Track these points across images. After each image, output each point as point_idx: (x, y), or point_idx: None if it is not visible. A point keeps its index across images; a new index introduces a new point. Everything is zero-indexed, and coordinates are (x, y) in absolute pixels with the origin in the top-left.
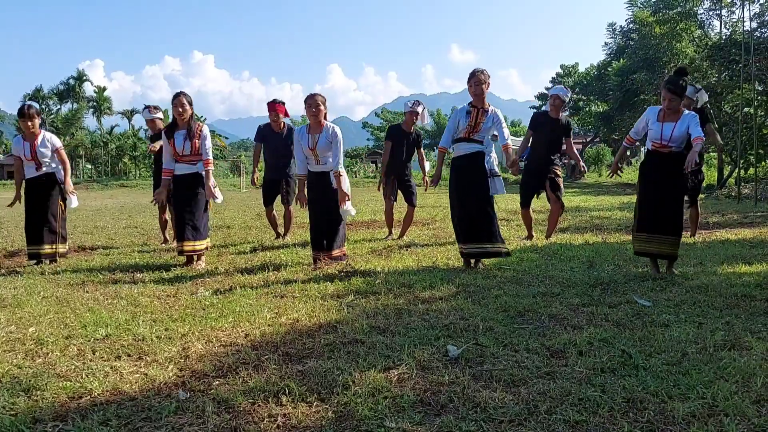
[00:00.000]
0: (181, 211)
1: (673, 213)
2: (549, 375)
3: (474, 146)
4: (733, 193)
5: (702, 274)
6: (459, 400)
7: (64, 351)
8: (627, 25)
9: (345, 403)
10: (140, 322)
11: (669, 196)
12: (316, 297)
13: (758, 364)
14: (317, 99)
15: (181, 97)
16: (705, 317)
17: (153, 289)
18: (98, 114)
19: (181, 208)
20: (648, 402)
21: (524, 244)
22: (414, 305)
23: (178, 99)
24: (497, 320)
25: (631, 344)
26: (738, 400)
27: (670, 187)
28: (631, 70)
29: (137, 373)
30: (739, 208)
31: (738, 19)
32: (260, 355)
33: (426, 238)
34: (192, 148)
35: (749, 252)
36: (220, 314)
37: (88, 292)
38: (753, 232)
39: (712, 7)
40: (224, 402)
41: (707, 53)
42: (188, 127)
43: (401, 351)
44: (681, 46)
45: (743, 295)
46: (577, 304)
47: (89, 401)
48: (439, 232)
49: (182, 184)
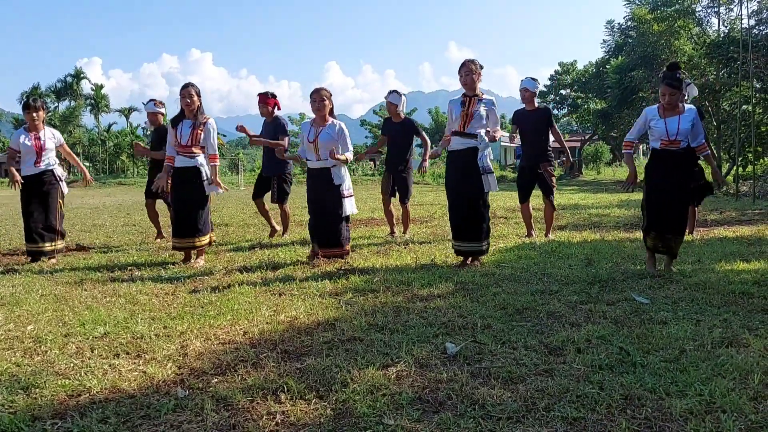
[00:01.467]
0: (179, 208)
1: (678, 214)
2: (547, 372)
3: (468, 142)
4: (732, 191)
5: (700, 272)
6: (457, 397)
7: (62, 349)
8: (625, 23)
9: (343, 400)
10: (139, 320)
11: (675, 199)
12: (314, 295)
13: (756, 361)
14: (322, 93)
15: (189, 88)
16: (703, 314)
17: (151, 287)
18: (96, 112)
19: (178, 204)
20: (646, 399)
21: (523, 242)
22: (412, 303)
23: (186, 90)
24: (495, 318)
25: (629, 341)
26: (735, 397)
27: (677, 189)
28: (630, 68)
29: (136, 371)
30: (737, 205)
31: (736, 16)
32: (259, 352)
33: (424, 236)
34: (193, 139)
35: (747, 249)
36: (219, 312)
37: (86, 290)
38: (751, 229)
39: (711, 4)
40: (223, 400)
41: (705, 51)
42: (195, 118)
43: (399, 348)
44: (679, 43)
45: (741, 292)
46: (575, 301)
47: (88, 399)
48: (437, 229)
49: (180, 177)
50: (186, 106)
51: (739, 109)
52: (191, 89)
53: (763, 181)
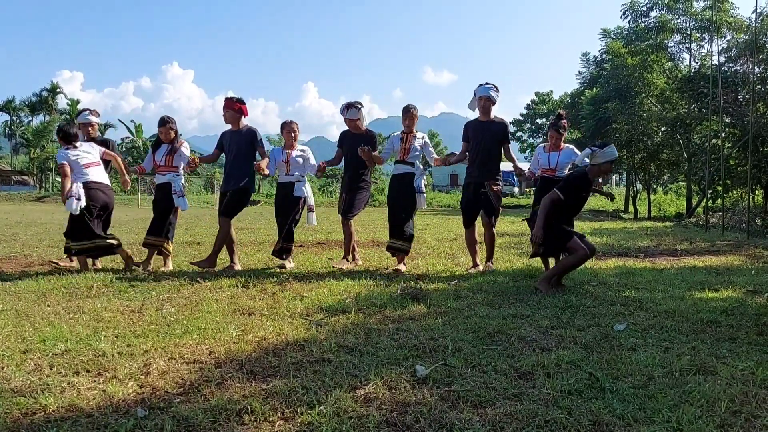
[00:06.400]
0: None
1: None
2: (516, 396)
3: (406, 168)
4: (701, 222)
5: (669, 300)
6: (425, 420)
7: (20, 365)
8: (600, 56)
9: (309, 422)
10: (102, 337)
11: None
12: (284, 315)
13: (723, 389)
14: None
15: (167, 125)
16: (672, 342)
17: (117, 304)
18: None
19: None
20: (614, 425)
21: (474, 271)
22: (384, 325)
23: (165, 127)
24: (467, 341)
25: (599, 367)
26: (702, 425)
27: None
28: (604, 99)
29: (95, 389)
30: (706, 236)
31: (707, 53)
32: (224, 372)
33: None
34: (167, 162)
35: (715, 279)
36: (185, 331)
37: (49, 306)
38: (719, 259)
39: (682, 40)
40: (184, 420)
41: (677, 85)
42: (171, 144)
43: (369, 371)
44: (652, 77)
45: (709, 320)
46: (546, 326)
47: (43, 417)
48: (411, 252)
49: (161, 190)
50: (164, 136)
51: (709, 143)
52: (169, 125)
53: (732, 214)
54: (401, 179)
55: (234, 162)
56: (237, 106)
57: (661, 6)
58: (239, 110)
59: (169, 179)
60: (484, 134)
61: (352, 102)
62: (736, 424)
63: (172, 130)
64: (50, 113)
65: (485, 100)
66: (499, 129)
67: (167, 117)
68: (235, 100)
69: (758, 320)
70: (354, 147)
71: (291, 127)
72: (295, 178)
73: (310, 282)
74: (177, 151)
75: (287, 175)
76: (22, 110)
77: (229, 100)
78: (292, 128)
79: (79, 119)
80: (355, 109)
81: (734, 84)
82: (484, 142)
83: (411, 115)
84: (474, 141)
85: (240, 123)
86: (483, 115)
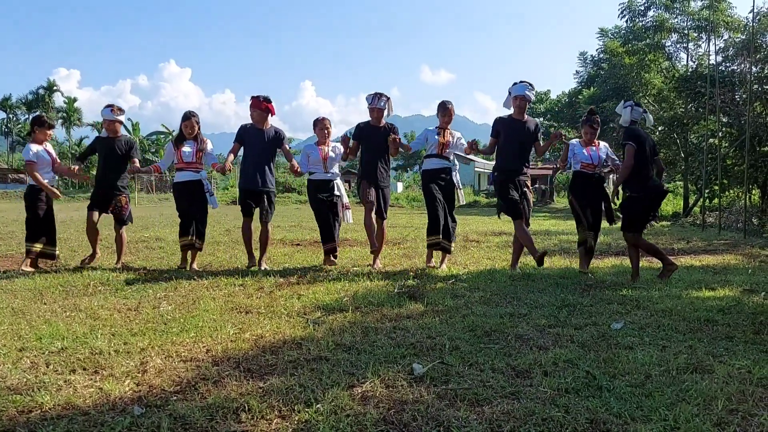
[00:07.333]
0: (188, 213)
1: None
2: (513, 395)
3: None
4: (698, 221)
5: (666, 299)
6: (422, 418)
7: (16, 363)
8: (598, 55)
9: (306, 420)
10: (98, 335)
11: None
12: (282, 313)
13: (719, 387)
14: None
15: (192, 118)
16: (669, 340)
17: (114, 302)
18: (68, 125)
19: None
20: (611, 423)
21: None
22: (381, 323)
23: (189, 120)
24: (464, 339)
25: (596, 366)
26: (699, 423)
27: None
28: (601, 99)
29: (92, 387)
30: (703, 235)
31: (704, 52)
32: (221, 371)
33: (397, 258)
34: (198, 158)
35: (712, 278)
36: (182, 329)
37: (45, 304)
38: (716, 259)
39: (680, 40)
40: (181, 418)
41: (674, 84)
42: (196, 139)
43: (366, 369)
44: (649, 76)
45: (706, 319)
46: (543, 325)
47: (39, 415)
48: (410, 251)
49: (187, 189)
50: (188, 132)
51: (705, 142)
52: (193, 120)
53: (729, 213)
54: (436, 174)
55: (260, 161)
56: (264, 106)
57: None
58: (266, 109)
59: (201, 177)
60: (521, 133)
61: (381, 93)
62: (732, 423)
63: (197, 124)
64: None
65: (521, 99)
66: (536, 129)
67: (191, 111)
68: (262, 99)
69: (755, 319)
70: (376, 139)
71: (323, 123)
72: (333, 176)
73: (308, 280)
74: (206, 149)
75: (326, 173)
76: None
77: (257, 100)
78: (324, 125)
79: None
80: (385, 100)
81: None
82: (521, 140)
83: (449, 111)
84: (509, 137)
85: (267, 122)
86: (518, 113)
